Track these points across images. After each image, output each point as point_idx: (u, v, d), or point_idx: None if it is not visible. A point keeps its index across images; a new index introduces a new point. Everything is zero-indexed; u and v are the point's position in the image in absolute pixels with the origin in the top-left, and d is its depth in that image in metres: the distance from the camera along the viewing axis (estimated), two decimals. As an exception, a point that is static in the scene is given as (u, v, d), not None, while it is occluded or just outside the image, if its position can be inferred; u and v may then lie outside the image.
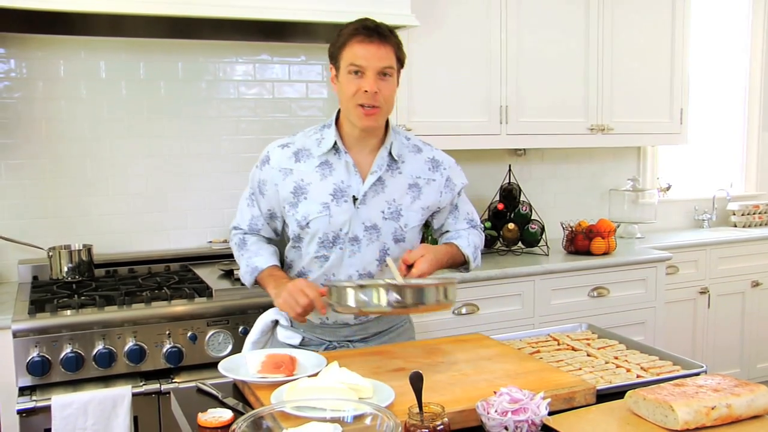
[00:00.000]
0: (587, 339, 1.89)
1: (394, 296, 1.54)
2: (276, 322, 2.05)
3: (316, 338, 2.01)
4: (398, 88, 1.93)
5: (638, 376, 1.58)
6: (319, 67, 3.37)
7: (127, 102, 3.10)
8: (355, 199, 1.91)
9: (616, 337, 1.89)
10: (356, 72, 1.83)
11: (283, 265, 2.05)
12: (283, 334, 2.03)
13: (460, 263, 2.04)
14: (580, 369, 1.64)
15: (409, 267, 1.82)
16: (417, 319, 2.93)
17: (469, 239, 2.06)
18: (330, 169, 1.92)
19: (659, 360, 1.70)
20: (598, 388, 1.50)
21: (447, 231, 2.12)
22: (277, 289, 1.86)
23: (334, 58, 1.89)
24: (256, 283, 2.00)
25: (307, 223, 1.92)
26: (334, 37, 1.89)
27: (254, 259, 1.98)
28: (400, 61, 1.91)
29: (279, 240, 2.11)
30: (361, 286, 1.58)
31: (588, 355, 1.76)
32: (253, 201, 2.02)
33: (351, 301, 1.58)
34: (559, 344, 1.86)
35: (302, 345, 1.99)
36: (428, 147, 2.06)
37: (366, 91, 1.81)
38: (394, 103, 1.92)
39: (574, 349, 1.82)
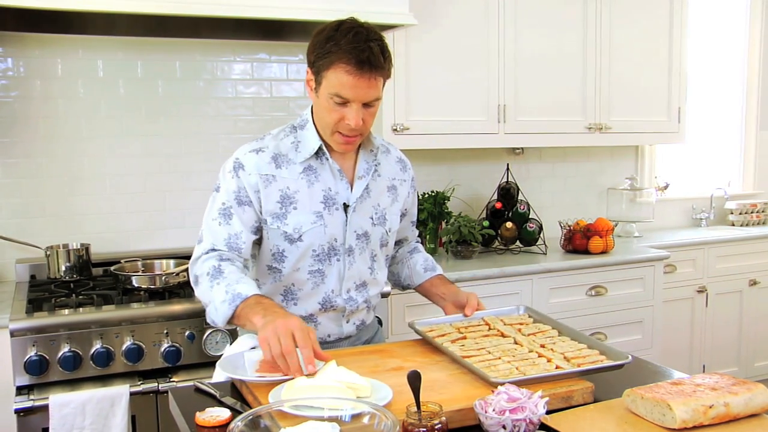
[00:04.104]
0: (521, 323, 1.81)
1: None
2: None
3: None
4: (394, 86, 1.84)
5: (557, 367, 1.52)
6: (317, 66, 3.37)
7: (124, 101, 3.09)
8: (346, 206, 1.83)
9: (551, 323, 1.81)
10: (340, 102, 1.68)
11: None
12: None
13: None
14: (500, 359, 1.58)
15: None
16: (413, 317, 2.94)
17: (434, 261, 2.13)
18: (315, 175, 1.80)
19: (587, 349, 1.63)
20: (510, 379, 1.42)
21: (405, 239, 2.14)
22: (266, 318, 1.54)
23: (315, 70, 1.71)
24: (232, 318, 1.64)
25: (300, 236, 1.78)
26: (319, 39, 1.69)
27: (236, 286, 1.65)
28: (387, 77, 1.74)
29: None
30: None
31: (515, 342, 1.69)
32: (229, 216, 1.77)
33: None
34: (489, 329, 1.79)
35: None
36: (392, 146, 2.02)
37: (348, 123, 1.69)
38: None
39: (503, 335, 1.74)
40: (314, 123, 1.81)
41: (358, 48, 1.63)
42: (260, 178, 1.77)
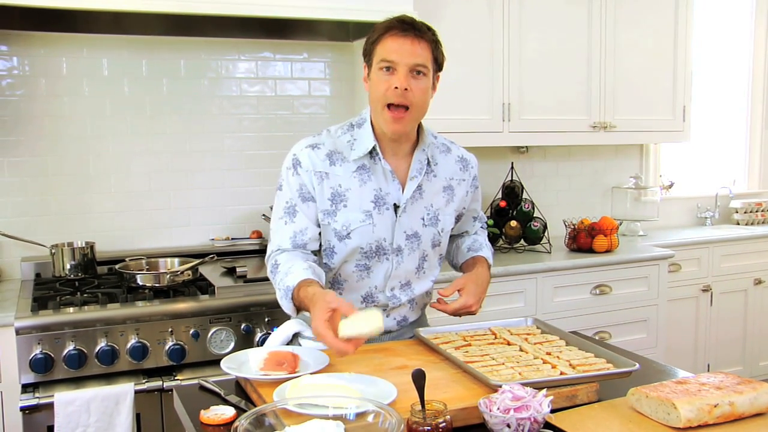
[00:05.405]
0: (528, 334, 1.79)
1: None
2: (297, 334, 1.86)
3: None
4: (434, 93, 1.84)
5: (562, 373, 1.50)
6: (321, 65, 3.36)
7: (129, 99, 3.10)
8: (396, 207, 1.83)
9: (559, 333, 1.79)
10: (387, 68, 1.71)
11: None
12: (308, 345, 1.80)
13: None
14: (503, 364, 1.56)
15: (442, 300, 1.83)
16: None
17: (488, 245, 2.07)
18: (368, 174, 1.81)
19: (593, 357, 1.61)
20: (509, 383, 1.39)
21: (465, 232, 2.12)
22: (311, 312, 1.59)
23: (367, 55, 1.78)
24: (299, 310, 1.71)
25: (348, 234, 1.80)
26: (369, 34, 1.78)
27: (285, 280, 1.71)
28: (437, 63, 1.79)
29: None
30: None
31: (520, 350, 1.67)
32: (293, 214, 1.81)
33: None
34: (495, 338, 1.77)
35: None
36: (454, 145, 2.00)
37: (396, 88, 1.70)
38: (426, 108, 1.80)
39: (509, 343, 1.73)
40: (371, 123, 1.82)
41: (401, 17, 1.75)
42: (315, 175, 1.80)
